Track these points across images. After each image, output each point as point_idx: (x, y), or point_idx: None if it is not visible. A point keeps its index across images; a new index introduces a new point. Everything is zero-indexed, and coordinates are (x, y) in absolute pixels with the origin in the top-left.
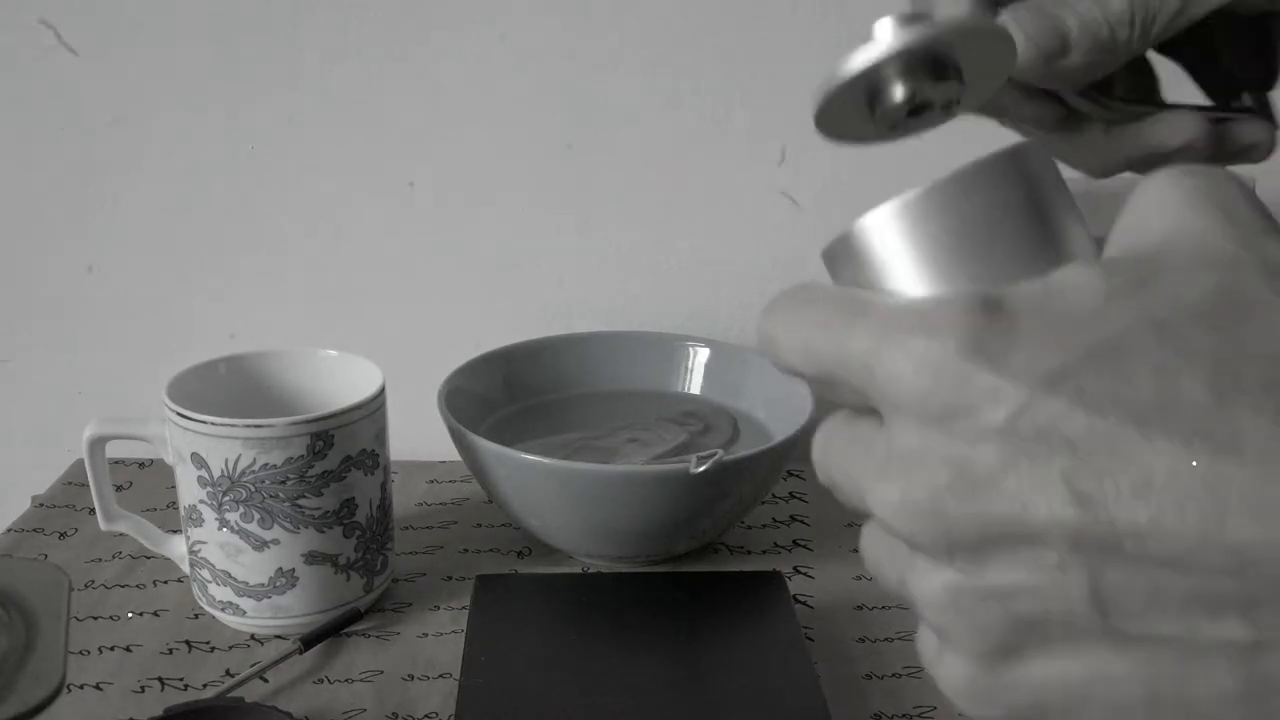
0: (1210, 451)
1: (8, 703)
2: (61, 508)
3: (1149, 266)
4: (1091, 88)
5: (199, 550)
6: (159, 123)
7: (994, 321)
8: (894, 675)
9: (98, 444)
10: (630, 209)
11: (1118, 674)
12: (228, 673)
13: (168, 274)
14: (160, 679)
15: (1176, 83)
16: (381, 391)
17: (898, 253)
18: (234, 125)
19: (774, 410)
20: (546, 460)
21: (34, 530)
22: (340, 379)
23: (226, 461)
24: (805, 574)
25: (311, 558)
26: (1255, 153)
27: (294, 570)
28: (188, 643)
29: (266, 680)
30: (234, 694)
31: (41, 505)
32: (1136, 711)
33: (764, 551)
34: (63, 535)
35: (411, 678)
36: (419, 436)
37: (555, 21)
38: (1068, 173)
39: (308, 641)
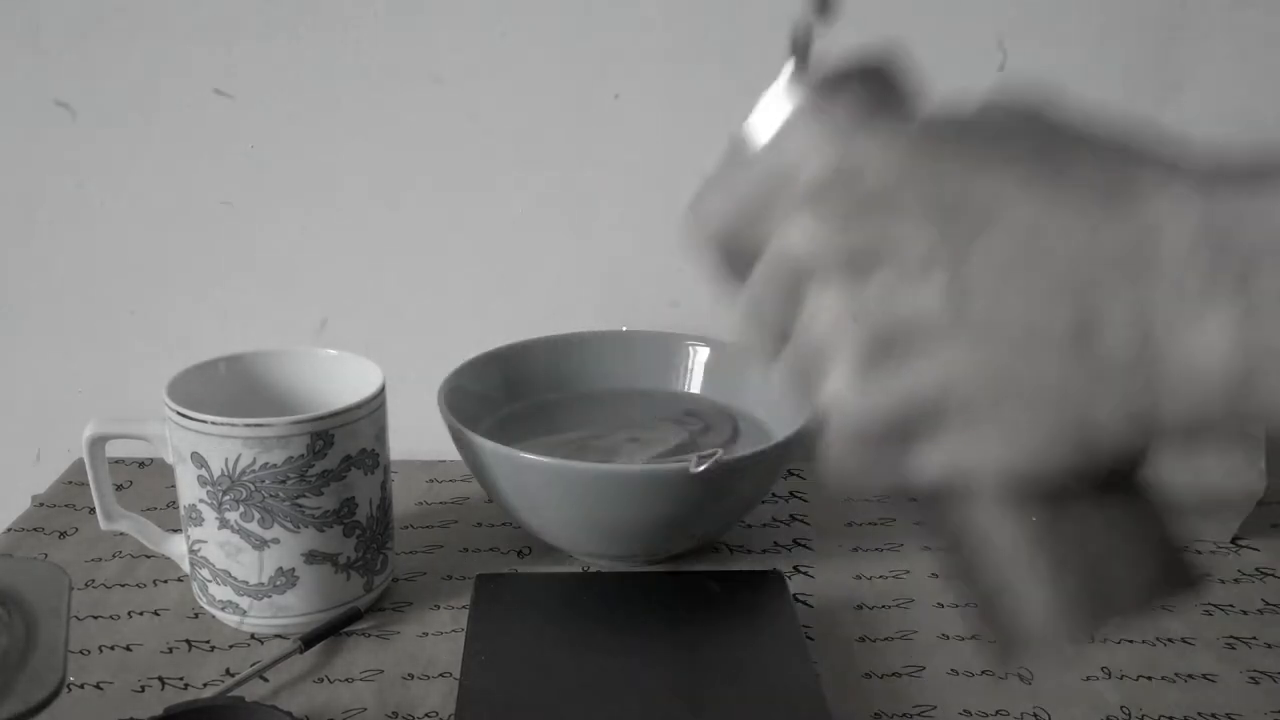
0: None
1: (8, 702)
2: (61, 507)
3: None
4: None
5: (199, 549)
6: (159, 121)
7: None
8: (894, 675)
9: (98, 444)
10: (630, 208)
11: (965, 370)
12: (228, 672)
13: (168, 273)
14: (160, 678)
15: None
16: (381, 391)
17: None
18: (234, 124)
19: (774, 410)
20: (546, 460)
21: (34, 530)
22: (340, 379)
23: (226, 461)
24: (805, 573)
25: (311, 557)
26: None
27: (294, 569)
28: (188, 642)
29: (266, 680)
30: (234, 693)
31: (41, 505)
32: (982, 402)
33: (764, 551)
34: (63, 535)
35: (411, 677)
36: (419, 436)
37: (555, 20)
38: None
39: (308, 641)
